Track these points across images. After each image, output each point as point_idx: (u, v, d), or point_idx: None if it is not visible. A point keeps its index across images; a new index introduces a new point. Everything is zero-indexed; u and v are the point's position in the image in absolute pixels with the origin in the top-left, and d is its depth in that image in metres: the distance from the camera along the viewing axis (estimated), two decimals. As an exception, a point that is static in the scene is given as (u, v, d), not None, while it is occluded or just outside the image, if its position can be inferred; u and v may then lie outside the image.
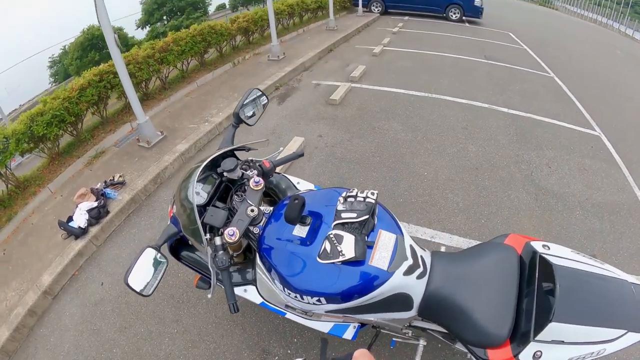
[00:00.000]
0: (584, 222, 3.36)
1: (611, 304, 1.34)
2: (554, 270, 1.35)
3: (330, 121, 5.02)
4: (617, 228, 3.32)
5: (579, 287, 1.35)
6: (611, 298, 1.36)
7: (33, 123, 4.10)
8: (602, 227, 3.33)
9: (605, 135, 5.00)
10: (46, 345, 2.71)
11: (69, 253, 3.23)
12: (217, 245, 1.38)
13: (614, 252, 3.09)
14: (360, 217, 1.40)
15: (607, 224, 3.36)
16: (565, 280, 1.32)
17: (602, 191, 3.77)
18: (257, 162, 1.71)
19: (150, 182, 3.98)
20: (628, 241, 3.20)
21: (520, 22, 14.56)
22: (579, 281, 1.36)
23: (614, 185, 3.90)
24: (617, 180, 3.99)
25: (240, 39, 8.39)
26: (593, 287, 1.37)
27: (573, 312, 1.28)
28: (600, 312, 1.32)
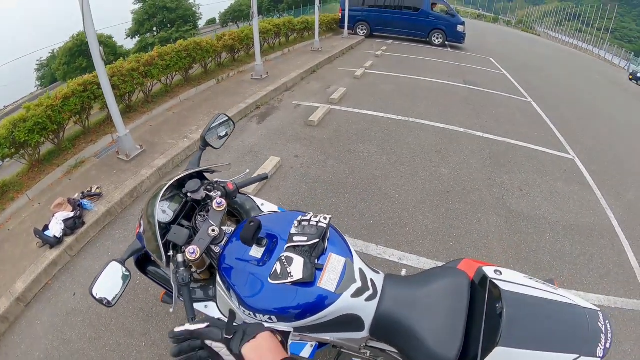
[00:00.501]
0: (554, 244, 3.43)
1: (563, 329, 1.34)
2: (502, 295, 1.35)
3: (307, 142, 5.07)
4: (588, 250, 3.39)
5: (528, 312, 1.35)
6: (563, 323, 1.35)
7: (15, 129, 4.11)
8: (572, 249, 3.39)
9: (579, 158, 5.14)
10: (16, 352, 2.70)
11: (43, 262, 3.22)
12: (179, 262, 1.42)
13: (584, 273, 3.15)
14: (311, 241, 1.45)
15: (578, 245, 3.43)
16: (513, 305, 1.32)
17: (574, 214, 3.85)
18: (221, 184, 1.75)
19: (126, 196, 3.99)
20: (599, 262, 3.27)
21: (501, 47, 15.01)
22: (527, 306, 1.36)
23: (586, 207, 3.99)
24: (589, 202, 4.09)
25: (225, 56, 8.48)
26: (544, 312, 1.36)
27: (520, 336, 1.27)
28: (550, 336, 1.31)
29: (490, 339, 1.30)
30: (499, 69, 10.47)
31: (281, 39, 10.88)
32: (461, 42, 12.96)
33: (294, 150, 4.84)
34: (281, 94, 7.02)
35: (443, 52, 12.08)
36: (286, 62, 8.95)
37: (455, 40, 12.90)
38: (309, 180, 4.17)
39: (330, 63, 9.45)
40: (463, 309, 1.46)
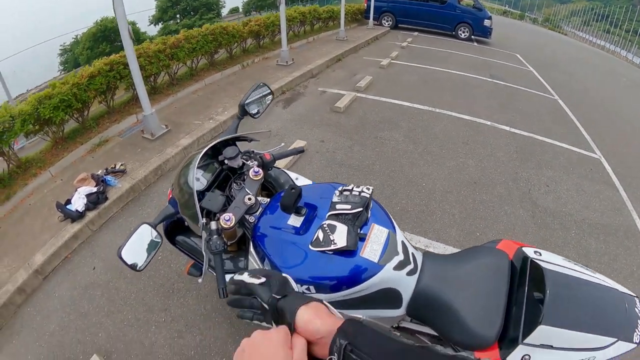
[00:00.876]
0: (579, 241, 3.38)
1: (602, 312, 1.33)
2: (545, 275, 1.33)
3: (333, 128, 5.08)
4: (612, 249, 3.33)
5: (570, 293, 1.33)
6: (602, 306, 1.34)
7: (40, 105, 4.13)
8: (597, 247, 3.34)
9: (605, 158, 5.03)
10: (32, 324, 2.71)
11: (64, 235, 3.24)
12: (212, 230, 1.39)
13: (608, 272, 3.08)
14: (354, 210, 1.42)
15: (603, 244, 3.37)
16: (556, 285, 1.31)
17: (599, 212, 3.78)
18: (258, 154, 1.74)
19: (150, 173, 4.01)
20: (623, 262, 3.22)
21: (528, 44, 14.71)
22: (569, 287, 1.35)
23: (611, 207, 3.92)
24: (614, 202, 4.02)
25: (250, 42, 8.49)
26: (584, 294, 1.36)
27: (562, 316, 1.26)
28: (590, 318, 1.29)
29: (533, 318, 1.29)
30: (526, 65, 10.27)
31: (306, 27, 10.83)
32: (487, 37, 12.73)
33: (320, 135, 4.85)
34: (306, 80, 7.02)
35: (469, 46, 11.89)
36: (311, 50, 8.93)
37: (481, 35, 12.67)
38: (334, 165, 4.18)
39: (355, 52, 9.39)
40: (503, 289, 1.44)
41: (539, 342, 1.27)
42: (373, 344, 0.58)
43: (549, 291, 1.28)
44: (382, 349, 0.57)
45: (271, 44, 9.04)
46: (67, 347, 2.53)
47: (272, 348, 0.57)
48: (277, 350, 0.56)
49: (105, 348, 2.49)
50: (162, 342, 2.49)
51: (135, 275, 2.96)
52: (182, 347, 2.46)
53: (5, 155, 4.02)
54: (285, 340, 0.59)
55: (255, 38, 8.48)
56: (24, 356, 2.53)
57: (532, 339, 1.27)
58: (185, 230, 2.01)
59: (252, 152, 1.76)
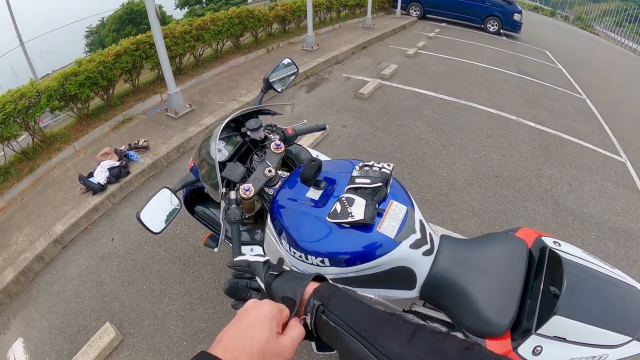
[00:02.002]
0: (598, 243, 3.32)
1: (618, 308, 1.29)
2: (563, 265, 1.31)
3: (356, 113, 5.06)
4: (632, 255, 3.26)
5: (587, 285, 1.31)
6: (619, 302, 1.31)
7: (66, 82, 4.22)
8: (616, 251, 3.28)
9: (631, 162, 4.90)
10: (49, 290, 2.80)
11: (84, 207, 3.33)
12: (231, 199, 1.40)
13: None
14: (374, 184, 1.41)
15: (622, 249, 3.31)
16: (573, 276, 1.29)
17: (621, 217, 3.70)
18: (280, 128, 1.74)
19: (173, 150, 4.07)
20: None
21: (558, 42, 14.30)
22: (587, 279, 1.33)
23: (633, 212, 3.82)
24: (637, 208, 3.91)
25: (276, 27, 8.47)
26: (601, 288, 1.33)
27: (578, 308, 1.24)
28: (606, 314, 1.27)
29: (548, 308, 1.28)
30: (555, 63, 10.00)
31: (332, 14, 10.74)
32: (517, 32, 12.41)
33: (342, 120, 4.85)
34: (331, 66, 6.99)
35: (497, 39, 11.61)
36: (337, 37, 8.86)
37: (510, 29, 12.35)
38: (355, 150, 4.19)
39: (381, 40, 9.28)
40: (520, 276, 1.43)
41: (553, 333, 1.26)
42: (345, 307, 0.58)
43: (567, 282, 1.26)
44: (353, 313, 0.57)
45: (297, 29, 9.01)
46: (81, 314, 2.60)
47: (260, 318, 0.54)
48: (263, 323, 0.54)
49: (119, 317, 2.55)
50: (174, 313, 2.54)
51: (153, 248, 3.04)
52: (193, 320, 2.50)
53: (31, 130, 4.12)
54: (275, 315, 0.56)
55: (281, 23, 8.47)
56: (38, 322, 2.61)
57: (545, 329, 1.26)
58: (204, 201, 2.04)
59: (275, 126, 1.77)
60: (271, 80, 1.93)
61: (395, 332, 0.53)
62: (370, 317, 0.56)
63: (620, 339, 1.25)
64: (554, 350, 1.28)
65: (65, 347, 2.42)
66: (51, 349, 2.44)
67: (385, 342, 0.51)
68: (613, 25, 21.28)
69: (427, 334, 0.52)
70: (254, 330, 0.52)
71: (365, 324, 0.55)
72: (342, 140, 4.37)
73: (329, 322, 0.56)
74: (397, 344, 0.51)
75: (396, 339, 0.52)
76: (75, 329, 2.52)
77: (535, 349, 1.29)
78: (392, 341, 0.51)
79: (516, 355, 1.31)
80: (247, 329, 0.53)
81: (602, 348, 1.27)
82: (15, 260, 2.93)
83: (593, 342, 1.26)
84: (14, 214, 3.54)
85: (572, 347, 1.28)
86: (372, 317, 0.56)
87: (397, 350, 0.50)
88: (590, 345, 1.27)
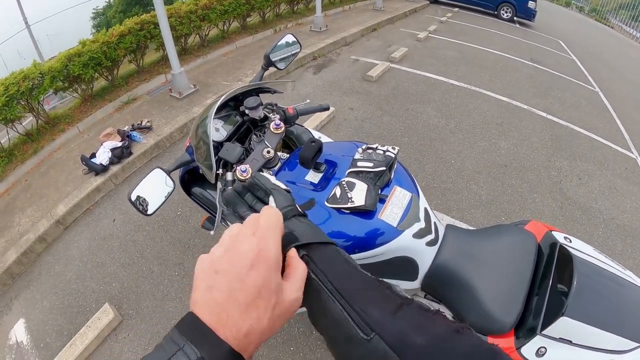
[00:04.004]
0: (605, 240, 3.24)
1: (628, 313, 1.24)
2: (574, 263, 1.26)
3: (363, 96, 4.95)
4: (639, 254, 3.18)
5: (598, 286, 1.26)
6: (629, 306, 1.26)
7: (70, 63, 4.20)
8: (623, 250, 3.20)
9: (642, 160, 4.80)
10: (50, 271, 2.82)
11: (87, 187, 3.33)
12: (228, 181, 1.37)
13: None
14: (377, 168, 1.33)
15: (629, 248, 3.22)
16: (584, 276, 1.23)
17: (630, 214, 3.61)
18: (281, 108, 1.67)
19: (176, 131, 4.04)
20: None
21: (572, 32, 14.01)
22: (598, 280, 1.28)
23: None
24: None
25: (284, 7, 8.34)
26: (612, 290, 1.28)
27: (587, 310, 1.19)
28: (615, 318, 1.22)
29: (555, 308, 1.23)
30: (568, 54, 9.78)
31: (343, -6, 10.52)
32: (531, 20, 12.12)
33: (349, 102, 4.75)
34: (339, 47, 6.84)
35: (511, 27, 11.35)
36: (346, 18, 8.65)
37: (524, 17, 12.07)
38: (362, 134, 4.10)
39: (391, 23, 9.06)
40: (528, 272, 1.37)
41: (558, 335, 1.21)
42: (330, 262, 0.50)
43: (577, 281, 1.21)
44: (338, 269, 0.49)
45: (305, 10, 8.84)
46: (81, 295, 2.62)
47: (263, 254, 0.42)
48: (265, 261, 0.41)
49: (118, 298, 2.57)
50: (173, 295, 2.55)
51: (153, 229, 3.04)
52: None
53: (34, 111, 4.13)
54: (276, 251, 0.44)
55: (289, 3, 8.34)
56: (40, 302, 2.63)
57: (551, 330, 1.21)
58: (202, 182, 1.98)
59: (275, 105, 1.69)
60: (273, 57, 1.85)
61: (380, 300, 0.45)
62: (356, 278, 0.48)
63: (628, 345, 1.19)
64: (558, 353, 1.23)
65: (65, 328, 2.45)
66: (51, 329, 2.47)
67: (367, 307, 0.44)
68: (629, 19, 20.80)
69: (414, 308, 0.44)
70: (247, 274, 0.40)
71: (348, 283, 0.47)
72: (349, 124, 4.27)
73: (310, 273, 0.47)
74: (380, 312, 0.43)
75: (380, 307, 0.44)
76: (76, 309, 2.54)
77: (539, 350, 1.24)
78: (374, 308, 0.44)
79: (519, 355, 1.26)
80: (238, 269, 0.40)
81: (608, 353, 1.21)
82: (17, 242, 2.96)
83: (600, 347, 1.21)
84: (18, 196, 3.55)
85: (577, 351, 1.22)
86: (357, 279, 0.48)
87: (379, 319, 0.42)
88: (596, 350, 1.21)
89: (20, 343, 2.44)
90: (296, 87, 5.04)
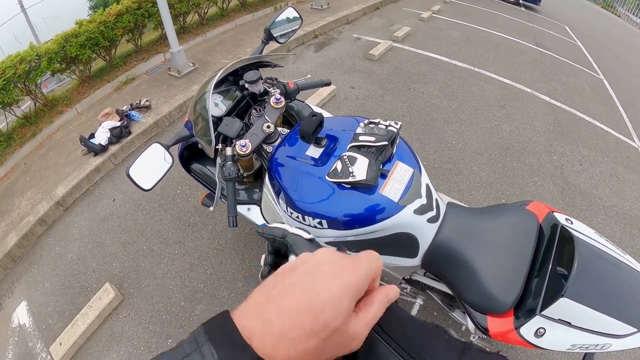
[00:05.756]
0: (604, 227, 3.22)
1: (627, 297, 1.24)
2: (575, 244, 1.25)
3: (365, 75, 4.87)
4: (637, 243, 3.16)
5: (598, 269, 1.25)
6: (629, 291, 1.26)
7: (67, 44, 4.16)
8: (622, 237, 3.18)
9: (644, 149, 4.75)
10: (51, 253, 2.83)
11: (86, 168, 3.33)
12: (227, 156, 1.34)
13: None
14: (379, 143, 1.31)
15: (628, 236, 3.20)
16: (585, 258, 1.23)
17: (630, 203, 3.58)
18: (281, 82, 1.65)
19: (175, 109, 4.02)
20: None
21: (578, 18, 13.80)
22: (598, 262, 1.27)
23: None
24: None
25: (285, -15, 8.13)
26: (612, 274, 1.28)
27: (587, 292, 1.19)
28: (614, 301, 1.22)
29: (555, 289, 1.22)
30: (574, 39, 9.63)
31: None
32: (537, 4, 11.92)
33: (351, 81, 4.67)
34: (341, 26, 6.70)
35: (516, 10, 11.15)
36: (348, -4, 8.47)
37: (530, 0, 11.89)
38: (363, 113, 4.04)
39: (394, 2, 8.85)
40: (529, 252, 1.36)
41: (558, 316, 1.21)
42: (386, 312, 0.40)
43: (578, 263, 1.21)
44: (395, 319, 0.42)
45: (307, -13, 8.63)
46: (82, 275, 2.64)
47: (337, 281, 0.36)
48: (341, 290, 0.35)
49: (118, 277, 2.59)
50: (174, 273, 2.56)
51: (153, 208, 3.06)
52: (192, 280, 2.51)
53: (32, 94, 4.11)
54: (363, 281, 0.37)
55: (290, -21, 8.09)
56: (41, 284, 2.65)
57: (551, 311, 1.21)
58: (201, 159, 1.98)
59: (276, 79, 1.67)
60: (273, 31, 1.82)
61: (445, 349, 0.40)
62: (415, 327, 0.42)
63: (625, 329, 1.21)
64: (557, 334, 1.24)
65: (67, 309, 2.47)
66: (53, 310, 2.49)
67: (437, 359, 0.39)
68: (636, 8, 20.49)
69: (475, 352, 0.40)
70: (321, 304, 0.33)
71: (409, 333, 0.41)
72: (350, 102, 4.21)
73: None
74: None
75: (448, 356, 0.39)
76: (77, 290, 2.56)
77: (538, 330, 1.25)
78: (442, 358, 0.39)
79: (517, 335, 1.27)
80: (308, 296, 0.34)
81: (606, 337, 1.23)
82: (18, 225, 2.97)
83: (598, 330, 1.22)
84: (17, 179, 3.56)
85: (575, 333, 1.24)
86: (417, 328, 0.42)
87: None
88: (594, 333, 1.23)
89: (23, 325, 2.46)
90: (297, 65, 4.96)
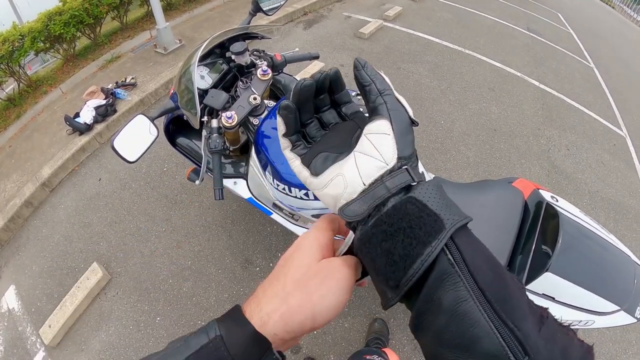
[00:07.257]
0: (589, 211, 3.23)
1: (611, 275, 1.24)
2: (560, 222, 1.25)
3: (355, 53, 4.77)
4: (620, 229, 3.19)
5: (583, 246, 1.25)
6: (612, 270, 1.25)
7: (50, 22, 4.02)
8: (605, 222, 3.20)
9: (631, 138, 4.76)
10: (38, 235, 2.80)
11: (71, 148, 3.28)
12: (213, 128, 1.31)
13: None
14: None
15: (612, 222, 3.24)
16: (569, 235, 1.22)
17: (614, 189, 3.61)
18: (268, 55, 1.61)
19: (161, 87, 3.95)
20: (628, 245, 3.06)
21: (572, 7, 13.74)
22: (583, 240, 1.26)
23: (627, 188, 3.73)
24: (631, 184, 3.82)
25: (276, -41, 7.91)
26: (595, 252, 1.27)
27: (571, 268, 1.19)
28: (598, 279, 1.22)
29: (540, 264, 1.22)
30: (566, 27, 9.60)
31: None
32: (530, -9, 11.87)
33: (340, 59, 4.59)
34: (331, 4, 6.54)
35: (509, -5, 11.09)
36: (340, -26, 8.28)
37: (524, -13, 11.80)
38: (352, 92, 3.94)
39: (386, -19, 8.73)
40: (514, 227, 1.34)
41: (542, 290, 1.22)
42: (473, 247, 0.35)
43: (562, 240, 1.20)
44: (481, 256, 0.34)
45: (298, -36, 8.41)
46: (69, 256, 2.62)
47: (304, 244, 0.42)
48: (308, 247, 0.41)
49: (106, 257, 2.58)
50: (161, 251, 2.55)
51: (140, 186, 3.03)
52: (179, 257, 2.51)
53: (16, 75, 4.00)
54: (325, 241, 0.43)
55: (281, -45, 7.87)
56: (29, 267, 2.62)
57: (535, 286, 1.21)
58: (187, 133, 1.94)
59: (263, 51, 1.63)
60: (261, 3, 1.76)
61: (529, 311, 0.31)
62: (503, 275, 0.33)
63: (609, 307, 1.21)
64: None
65: (55, 290, 2.45)
66: (42, 292, 2.47)
67: (521, 322, 0.29)
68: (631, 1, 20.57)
69: (552, 322, 0.32)
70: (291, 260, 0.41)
71: (496, 282, 0.32)
72: (338, 80, 4.11)
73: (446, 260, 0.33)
74: (532, 328, 0.30)
75: (530, 322, 0.30)
76: (65, 271, 2.54)
77: None
78: (526, 322, 0.30)
79: None
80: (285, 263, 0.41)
81: (589, 313, 1.23)
82: (4, 208, 2.93)
83: (581, 306, 1.22)
84: (2, 162, 3.50)
85: (559, 308, 1.24)
86: (504, 276, 0.33)
87: (534, 340, 0.29)
88: (578, 309, 1.23)
89: (12, 310, 2.43)
90: (286, 43, 4.87)
